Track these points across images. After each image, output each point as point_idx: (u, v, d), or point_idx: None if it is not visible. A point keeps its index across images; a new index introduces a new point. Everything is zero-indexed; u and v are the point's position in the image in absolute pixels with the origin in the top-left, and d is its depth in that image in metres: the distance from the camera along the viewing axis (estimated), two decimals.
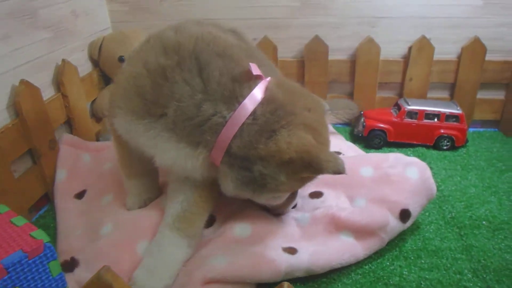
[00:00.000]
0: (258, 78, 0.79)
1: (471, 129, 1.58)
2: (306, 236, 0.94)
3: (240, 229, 0.92)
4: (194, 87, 0.76)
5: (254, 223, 0.93)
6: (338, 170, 0.74)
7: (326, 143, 0.81)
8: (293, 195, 0.95)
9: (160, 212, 0.94)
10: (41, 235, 0.68)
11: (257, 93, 0.77)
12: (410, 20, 1.47)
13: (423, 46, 1.47)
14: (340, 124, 1.61)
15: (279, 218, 0.98)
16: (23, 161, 1.10)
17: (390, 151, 1.42)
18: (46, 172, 1.15)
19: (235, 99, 0.76)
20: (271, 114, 0.76)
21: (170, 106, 0.77)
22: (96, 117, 1.48)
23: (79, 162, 1.20)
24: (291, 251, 0.88)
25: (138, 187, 1.01)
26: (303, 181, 0.83)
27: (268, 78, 0.81)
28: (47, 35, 1.21)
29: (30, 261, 0.65)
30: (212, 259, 0.83)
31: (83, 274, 0.84)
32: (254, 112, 0.76)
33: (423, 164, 1.06)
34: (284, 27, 1.53)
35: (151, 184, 1.03)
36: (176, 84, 0.77)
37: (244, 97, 0.76)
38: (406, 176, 1.02)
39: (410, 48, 1.48)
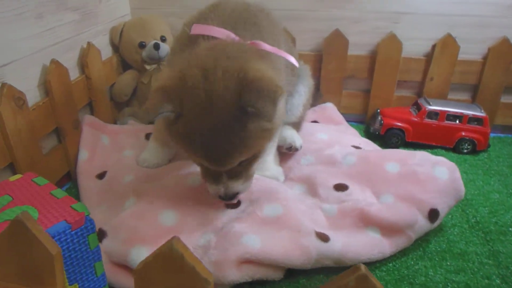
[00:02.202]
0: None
1: (492, 134, 1.54)
2: (334, 227, 0.94)
3: (270, 209, 0.91)
4: None
5: (283, 204, 0.93)
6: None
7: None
8: (213, 176, 0.89)
9: (180, 185, 0.99)
10: (82, 208, 0.70)
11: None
12: (435, 17, 1.45)
13: (448, 44, 1.44)
14: (354, 121, 1.57)
15: (306, 205, 0.98)
16: (50, 139, 1.15)
17: None
18: (70, 151, 1.20)
19: None
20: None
21: None
22: (114, 101, 1.51)
23: (99, 144, 1.25)
24: (324, 237, 0.87)
25: (156, 149, 1.16)
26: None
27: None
28: (75, 18, 1.25)
29: (72, 232, 0.68)
30: (246, 238, 0.84)
31: (110, 243, 0.87)
32: None
33: (452, 164, 1.04)
34: (303, 19, 1.51)
35: (166, 154, 1.17)
36: None
37: None
38: (435, 175, 1.01)
39: (434, 46, 1.46)
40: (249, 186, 0.92)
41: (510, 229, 1.04)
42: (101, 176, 1.14)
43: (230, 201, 0.91)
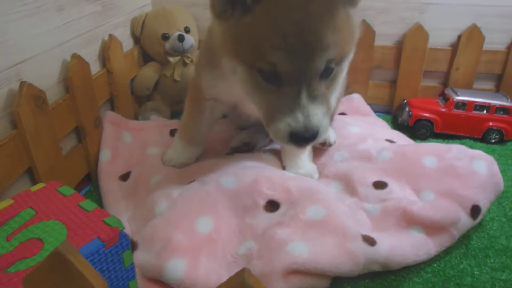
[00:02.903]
0: None
1: None
2: (378, 228, 0.87)
3: (312, 211, 0.84)
4: None
5: (325, 206, 0.86)
6: None
7: None
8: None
9: (216, 188, 0.90)
10: (116, 222, 0.61)
11: None
12: (460, 7, 1.37)
13: (473, 34, 1.37)
14: (380, 112, 1.54)
15: (347, 205, 0.92)
16: (69, 139, 1.05)
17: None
18: (91, 151, 1.10)
19: None
20: None
21: None
22: (136, 95, 1.42)
23: (121, 142, 1.15)
24: (371, 241, 0.81)
25: (182, 148, 1.08)
26: None
27: None
28: (96, 9, 1.15)
29: (106, 251, 0.58)
30: (292, 246, 0.77)
31: (142, 256, 0.78)
32: None
33: (491, 158, 0.99)
34: None
35: (193, 153, 1.10)
36: None
37: None
38: (474, 169, 0.96)
39: (459, 37, 1.39)
40: (327, 129, 0.72)
41: None
42: (124, 177, 1.05)
43: (308, 142, 0.68)
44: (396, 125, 1.42)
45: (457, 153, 1.00)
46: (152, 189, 0.95)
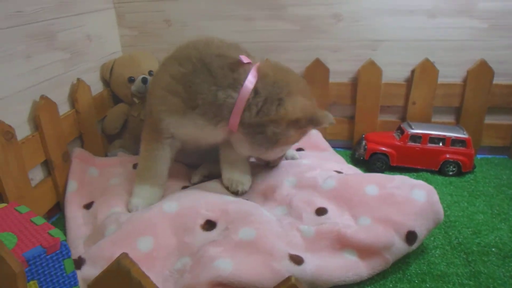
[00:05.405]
0: (249, 64, 1.07)
1: (478, 156, 1.57)
2: (311, 249, 0.95)
3: (244, 232, 0.94)
4: (209, 83, 1.05)
5: (256, 227, 0.95)
6: (332, 122, 1.07)
7: (315, 104, 1.12)
8: None
9: (159, 213, 1.02)
10: (58, 233, 0.77)
11: (252, 75, 1.05)
12: (412, 43, 1.50)
13: (426, 69, 1.48)
14: (341, 147, 1.61)
15: (282, 227, 1.01)
16: (39, 171, 1.22)
17: None
18: (59, 183, 1.26)
19: (238, 83, 1.04)
20: (272, 87, 1.05)
21: (199, 98, 1.05)
22: (105, 133, 1.58)
23: (87, 175, 1.30)
24: (298, 260, 0.89)
25: (146, 192, 1.16)
26: (305, 132, 1.12)
27: (258, 63, 1.09)
28: (64, 56, 1.35)
29: (47, 257, 0.74)
30: (219, 262, 0.87)
31: (89, 271, 0.91)
32: (255, 89, 1.04)
33: (430, 187, 1.05)
34: (284, 50, 1.57)
35: (158, 195, 1.18)
36: (198, 84, 1.05)
37: (243, 80, 1.04)
38: (412, 198, 1.02)
39: (413, 71, 1.49)
40: None
41: (493, 249, 1.04)
42: (88, 206, 1.18)
43: None
44: (354, 160, 1.49)
45: (399, 182, 1.08)
46: (108, 217, 1.08)
